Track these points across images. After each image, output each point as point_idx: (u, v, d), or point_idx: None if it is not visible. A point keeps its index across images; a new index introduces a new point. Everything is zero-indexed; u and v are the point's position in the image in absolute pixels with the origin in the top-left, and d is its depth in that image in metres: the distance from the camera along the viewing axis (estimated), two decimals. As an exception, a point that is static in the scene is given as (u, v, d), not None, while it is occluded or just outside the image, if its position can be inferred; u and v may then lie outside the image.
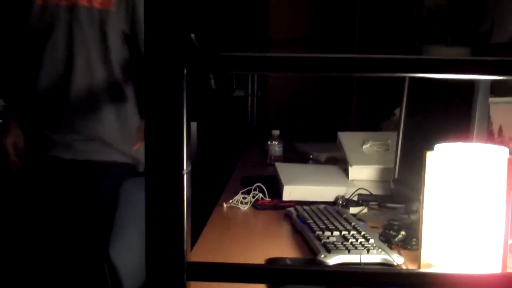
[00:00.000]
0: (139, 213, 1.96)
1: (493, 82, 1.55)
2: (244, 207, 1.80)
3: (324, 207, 1.67)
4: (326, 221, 1.50)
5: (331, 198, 1.82)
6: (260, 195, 1.84)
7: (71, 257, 2.09)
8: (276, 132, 2.59)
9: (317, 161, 2.51)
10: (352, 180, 2.07)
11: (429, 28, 3.15)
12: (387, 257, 1.27)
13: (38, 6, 1.98)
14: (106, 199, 2.01)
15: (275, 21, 3.58)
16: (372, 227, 1.52)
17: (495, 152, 1.13)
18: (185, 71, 0.86)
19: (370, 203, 1.79)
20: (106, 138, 2.01)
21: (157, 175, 0.87)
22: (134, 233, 2.01)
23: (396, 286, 0.81)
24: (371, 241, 1.35)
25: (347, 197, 1.80)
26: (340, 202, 1.77)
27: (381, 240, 1.39)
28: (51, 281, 2.18)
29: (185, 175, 0.88)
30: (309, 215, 1.58)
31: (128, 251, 1.99)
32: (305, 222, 1.53)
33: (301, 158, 2.60)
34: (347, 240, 1.35)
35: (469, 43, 2.70)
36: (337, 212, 1.62)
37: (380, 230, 1.46)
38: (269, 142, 2.58)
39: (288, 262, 1.31)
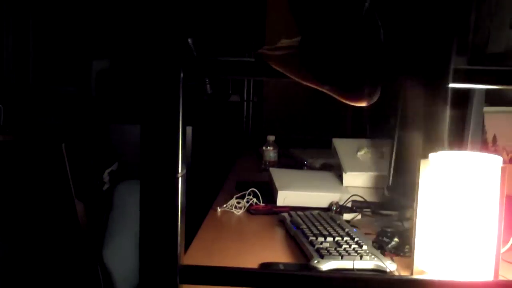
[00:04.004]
0: (133, 216, 1.96)
1: (488, 91, 1.56)
2: (238, 212, 1.80)
3: (318, 213, 1.68)
4: (319, 227, 1.50)
5: (325, 204, 1.83)
6: (254, 200, 1.85)
7: (64, 259, 2.08)
8: (271, 138, 2.59)
9: (311, 167, 2.51)
10: (346, 187, 2.07)
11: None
12: (380, 263, 1.28)
13: None
14: None
15: (272, 26, 3.59)
16: (366, 233, 1.52)
17: (489, 161, 1.14)
18: (182, 75, 0.86)
19: (364, 209, 1.80)
20: None
21: (152, 178, 0.88)
22: (128, 236, 2.00)
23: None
24: (364, 247, 1.35)
25: (341, 203, 1.80)
26: (334, 208, 1.77)
27: (374, 247, 1.39)
28: (45, 284, 2.18)
29: (179, 179, 0.88)
30: (303, 220, 1.58)
31: (122, 254, 1.99)
32: (298, 227, 1.53)
33: (296, 164, 2.61)
34: (340, 246, 1.36)
35: (465, 53, 2.71)
36: (331, 218, 1.62)
37: (373, 237, 1.47)
38: (264, 148, 2.59)
39: (281, 267, 1.31)
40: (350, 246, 1.36)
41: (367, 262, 1.28)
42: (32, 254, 2.31)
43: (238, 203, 1.83)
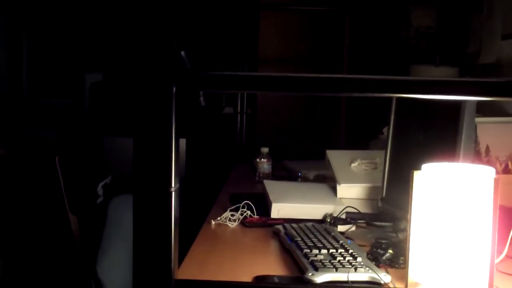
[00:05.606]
0: (126, 230, 1.96)
1: (480, 102, 1.57)
2: (232, 225, 1.79)
3: (312, 225, 1.68)
4: (314, 239, 1.50)
5: (319, 216, 1.83)
6: (249, 212, 1.84)
7: (58, 273, 2.07)
8: (265, 150, 2.59)
9: (305, 179, 2.51)
10: (340, 198, 2.07)
11: (417, 48, 3.17)
12: (374, 275, 1.27)
13: None
14: None
15: (264, 39, 3.60)
16: (360, 245, 1.52)
17: (481, 172, 1.14)
18: (175, 88, 0.87)
19: (358, 221, 1.80)
20: None
21: (145, 192, 0.88)
22: (121, 250, 2.00)
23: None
24: (359, 259, 1.35)
25: (335, 215, 1.80)
26: (328, 220, 1.77)
27: (369, 259, 1.39)
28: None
29: (173, 193, 0.88)
30: (297, 232, 1.58)
31: (115, 268, 1.98)
32: (293, 240, 1.53)
33: (290, 175, 2.61)
34: (334, 258, 1.36)
35: (457, 64, 2.73)
36: (325, 230, 1.62)
37: (367, 249, 1.46)
38: (257, 160, 2.59)
39: (276, 280, 1.31)
40: (344, 258, 1.36)
41: (362, 274, 1.28)
42: (26, 268, 2.30)
43: (232, 215, 1.82)
